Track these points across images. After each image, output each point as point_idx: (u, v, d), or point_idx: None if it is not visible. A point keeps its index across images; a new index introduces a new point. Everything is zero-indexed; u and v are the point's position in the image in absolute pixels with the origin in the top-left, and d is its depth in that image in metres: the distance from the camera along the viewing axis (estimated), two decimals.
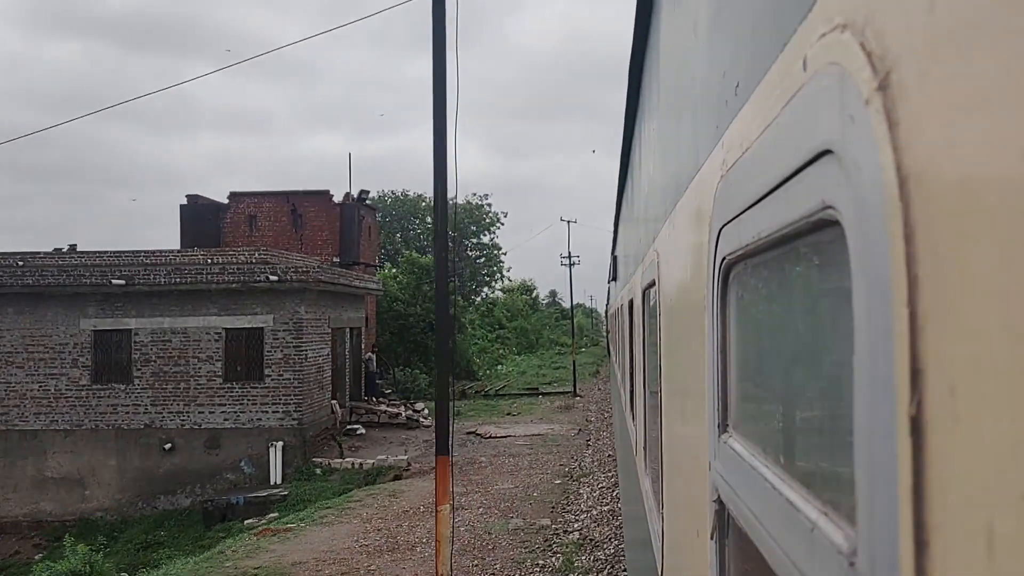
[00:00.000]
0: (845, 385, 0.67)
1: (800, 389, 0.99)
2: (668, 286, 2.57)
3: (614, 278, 13.37)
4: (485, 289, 62.77)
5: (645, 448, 4.44)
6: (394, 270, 40.73)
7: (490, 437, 22.48)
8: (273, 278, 20.61)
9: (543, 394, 34.20)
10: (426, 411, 26.43)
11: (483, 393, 35.12)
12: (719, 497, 1.34)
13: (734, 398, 1.32)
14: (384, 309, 35.01)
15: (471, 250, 59.81)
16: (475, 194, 63.72)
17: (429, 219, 57.22)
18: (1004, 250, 0.45)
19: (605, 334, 53.84)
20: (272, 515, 16.45)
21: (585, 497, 14.47)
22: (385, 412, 25.73)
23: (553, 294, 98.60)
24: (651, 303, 3.54)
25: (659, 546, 2.94)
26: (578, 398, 32.22)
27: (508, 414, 27.87)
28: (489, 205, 61.04)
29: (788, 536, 0.85)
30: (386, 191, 57.68)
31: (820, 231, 0.78)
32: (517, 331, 59.10)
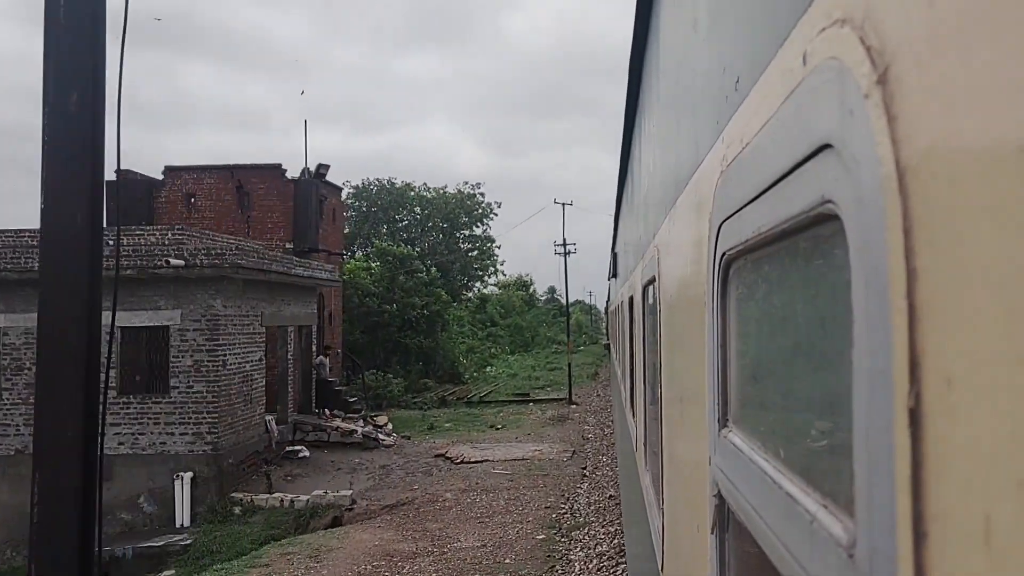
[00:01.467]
0: (844, 378, 0.68)
1: (800, 383, 0.99)
2: (668, 282, 2.57)
3: (614, 275, 13.36)
4: (477, 284, 61.08)
5: (645, 444, 4.44)
6: (367, 260, 37.19)
7: (462, 462, 18.72)
8: (176, 262, 16.22)
9: (534, 401, 30.78)
10: (390, 426, 23.36)
11: (466, 400, 31.09)
12: (719, 491, 1.35)
13: (734, 393, 1.32)
14: (355, 304, 31.19)
15: (463, 242, 58.29)
16: (466, 183, 61.59)
17: (417, 209, 55.43)
18: (1001, 243, 0.45)
19: (604, 331, 53.36)
20: (168, 572, 13.34)
21: (578, 569, 10.65)
22: (337, 429, 21.66)
23: (551, 290, 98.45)
24: (651, 299, 3.55)
25: (659, 541, 2.95)
26: (574, 406, 28.93)
27: (491, 427, 24.60)
28: (482, 195, 58.65)
29: (788, 529, 0.85)
30: (371, 179, 55.72)
31: (820, 225, 0.78)
32: (511, 329, 56.92)
